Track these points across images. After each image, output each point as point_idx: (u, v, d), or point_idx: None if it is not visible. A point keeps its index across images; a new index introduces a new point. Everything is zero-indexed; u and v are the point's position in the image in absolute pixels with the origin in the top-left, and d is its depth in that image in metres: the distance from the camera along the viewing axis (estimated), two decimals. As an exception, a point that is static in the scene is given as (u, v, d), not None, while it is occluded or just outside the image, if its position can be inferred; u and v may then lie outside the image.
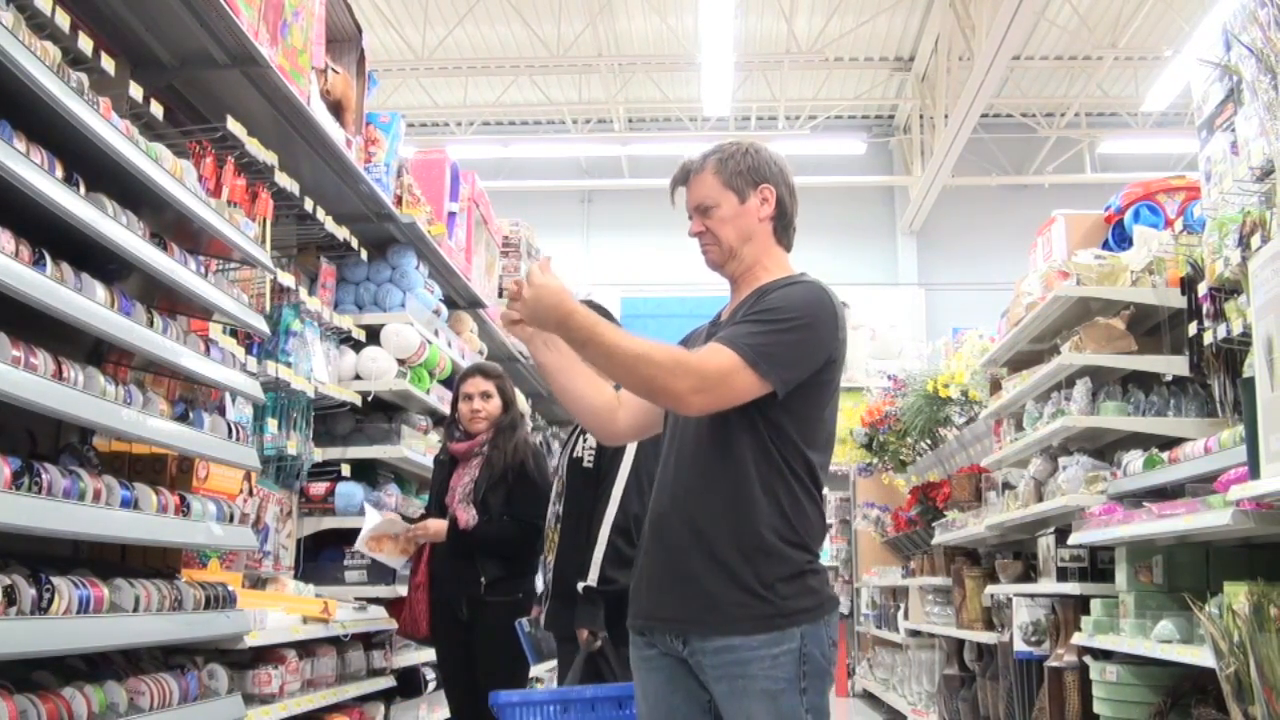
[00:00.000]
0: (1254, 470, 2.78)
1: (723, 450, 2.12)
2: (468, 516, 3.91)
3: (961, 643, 6.15)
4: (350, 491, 4.36)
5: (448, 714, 4.20)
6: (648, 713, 2.21)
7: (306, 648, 3.46)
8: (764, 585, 2.05)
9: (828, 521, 11.61)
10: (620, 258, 14.97)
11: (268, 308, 3.64)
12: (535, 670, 4.03)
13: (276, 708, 3.12)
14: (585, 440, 3.44)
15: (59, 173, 2.22)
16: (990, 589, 5.30)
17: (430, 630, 4.00)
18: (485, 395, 4.09)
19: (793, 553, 2.08)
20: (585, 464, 3.46)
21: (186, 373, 2.70)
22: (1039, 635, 4.51)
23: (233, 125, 3.18)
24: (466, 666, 3.95)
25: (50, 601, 2.10)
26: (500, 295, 2.13)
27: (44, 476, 2.12)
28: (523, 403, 5.94)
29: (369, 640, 4.06)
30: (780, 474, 2.10)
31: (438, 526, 3.94)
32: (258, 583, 3.72)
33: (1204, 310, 3.61)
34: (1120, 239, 4.88)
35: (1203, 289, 3.60)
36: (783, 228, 2.27)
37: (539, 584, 3.79)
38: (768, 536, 2.07)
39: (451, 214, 5.50)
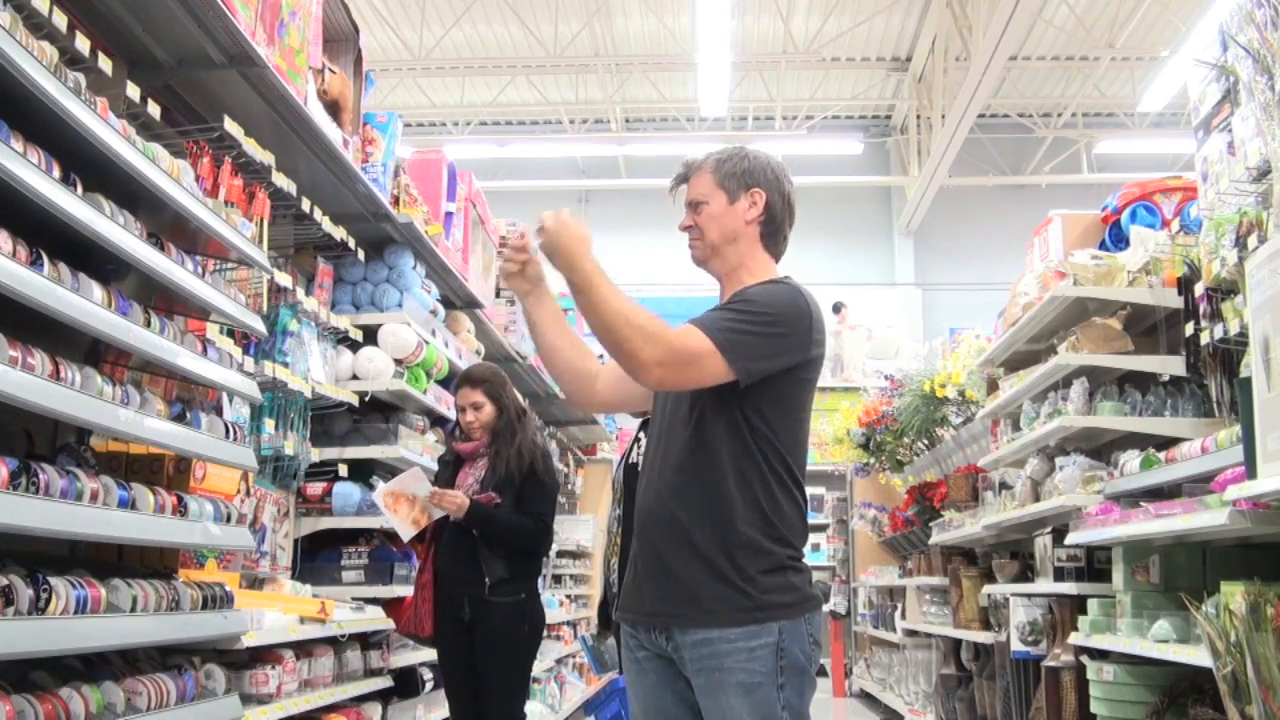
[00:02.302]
0: (1251, 470, 2.78)
1: (701, 447, 2.15)
2: (489, 497, 3.92)
3: (958, 642, 6.15)
4: (347, 492, 4.35)
5: (446, 714, 4.20)
6: (640, 714, 2.25)
7: (304, 648, 3.46)
8: (744, 578, 2.08)
9: (825, 521, 11.69)
10: (617, 257, 14.97)
11: (265, 308, 3.63)
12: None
13: (274, 708, 3.11)
14: (640, 447, 3.56)
15: (56, 173, 2.22)
16: (987, 589, 5.30)
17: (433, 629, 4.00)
18: (475, 406, 4.11)
19: (772, 546, 2.11)
20: (640, 468, 3.74)
21: (184, 373, 2.70)
22: (1036, 635, 4.51)
23: (230, 125, 3.17)
24: (468, 667, 3.95)
25: (47, 602, 2.09)
26: (503, 244, 2.17)
27: (41, 477, 2.12)
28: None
29: (366, 640, 4.06)
30: (758, 470, 2.13)
31: (462, 500, 3.89)
32: (255, 583, 3.72)
33: (1201, 310, 3.62)
34: (1117, 239, 4.88)
35: (1199, 289, 3.60)
36: (770, 233, 2.30)
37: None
38: (745, 531, 2.10)
39: (449, 214, 5.49)
